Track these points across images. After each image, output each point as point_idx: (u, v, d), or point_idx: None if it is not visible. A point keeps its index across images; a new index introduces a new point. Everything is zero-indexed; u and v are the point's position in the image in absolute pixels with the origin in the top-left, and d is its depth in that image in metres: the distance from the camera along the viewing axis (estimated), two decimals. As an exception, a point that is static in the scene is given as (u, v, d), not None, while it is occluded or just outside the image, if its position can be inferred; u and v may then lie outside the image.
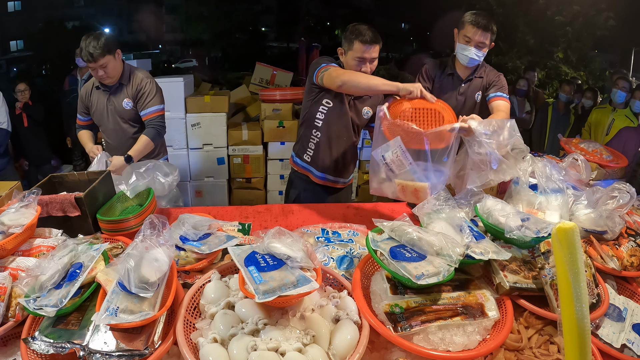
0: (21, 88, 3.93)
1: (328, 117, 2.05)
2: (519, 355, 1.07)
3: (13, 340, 1.09)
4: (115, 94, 2.28)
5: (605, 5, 7.66)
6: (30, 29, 7.49)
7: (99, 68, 2.15)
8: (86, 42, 2.10)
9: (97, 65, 2.13)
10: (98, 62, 2.11)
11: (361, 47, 1.86)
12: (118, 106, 2.29)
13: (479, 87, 2.16)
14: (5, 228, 1.27)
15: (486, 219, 1.33)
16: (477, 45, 2.00)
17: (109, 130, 2.36)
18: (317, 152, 2.12)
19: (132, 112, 2.31)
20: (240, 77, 6.23)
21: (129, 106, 2.29)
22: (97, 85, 2.29)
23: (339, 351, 0.96)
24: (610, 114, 3.78)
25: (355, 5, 9.50)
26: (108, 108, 2.30)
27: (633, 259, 1.34)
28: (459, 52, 2.07)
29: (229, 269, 1.24)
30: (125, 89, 2.29)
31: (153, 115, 2.28)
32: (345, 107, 2.03)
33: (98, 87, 2.29)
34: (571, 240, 0.85)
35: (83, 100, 2.35)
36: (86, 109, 2.37)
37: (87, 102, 2.35)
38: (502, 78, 2.14)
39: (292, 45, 9.49)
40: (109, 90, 2.28)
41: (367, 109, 2.10)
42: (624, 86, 3.70)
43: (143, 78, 2.30)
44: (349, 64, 1.93)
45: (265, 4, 9.80)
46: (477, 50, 2.01)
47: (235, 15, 8.61)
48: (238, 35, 8.82)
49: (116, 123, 2.32)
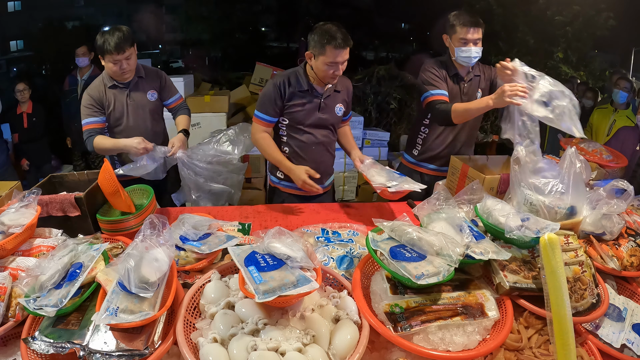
0: (20, 88, 3.93)
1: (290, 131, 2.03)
2: (519, 355, 1.07)
3: (13, 340, 1.10)
4: (135, 89, 2.21)
5: (605, 5, 7.65)
6: (30, 29, 7.48)
7: (123, 60, 2.06)
8: (110, 34, 2.01)
9: (123, 57, 2.04)
10: (125, 54, 2.04)
11: (334, 52, 1.81)
12: (141, 100, 2.22)
13: (477, 85, 2.17)
14: (5, 228, 1.27)
15: (486, 219, 1.33)
16: (475, 43, 2.02)
17: (128, 128, 2.22)
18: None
19: (156, 103, 2.28)
20: (240, 77, 6.23)
21: (154, 97, 2.26)
22: (110, 84, 2.17)
23: (339, 351, 0.96)
24: (611, 115, 3.77)
25: (355, 5, 9.49)
26: (128, 105, 2.20)
27: (633, 259, 1.34)
28: (459, 57, 2.07)
29: (229, 269, 1.24)
30: (145, 81, 2.24)
31: (180, 101, 2.38)
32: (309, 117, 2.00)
33: (114, 86, 2.18)
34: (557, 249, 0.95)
35: (96, 99, 2.17)
36: (102, 108, 2.20)
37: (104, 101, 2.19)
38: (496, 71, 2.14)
39: (292, 45, 9.48)
40: (126, 86, 2.19)
41: (340, 106, 2.07)
42: (625, 86, 3.69)
43: (158, 70, 2.33)
44: (320, 69, 1.87)
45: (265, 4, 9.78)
46: (477, 48, 2.03)
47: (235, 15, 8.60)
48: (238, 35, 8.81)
49: (138, 119, 2.23)
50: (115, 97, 2.19)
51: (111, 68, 2.09)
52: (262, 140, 1.99)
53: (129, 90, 2.20)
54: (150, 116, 2.27)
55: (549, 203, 1.39)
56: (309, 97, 1.98)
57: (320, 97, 1.99)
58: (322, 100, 2.00)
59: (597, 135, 3.86)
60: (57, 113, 4.41)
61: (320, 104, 2.00)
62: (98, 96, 2.18)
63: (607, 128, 3.77)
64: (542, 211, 1.39)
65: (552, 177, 1.47)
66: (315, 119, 2.01)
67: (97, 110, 2.19)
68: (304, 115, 1.99)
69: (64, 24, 7.89)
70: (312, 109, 1.99)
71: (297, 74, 1.97)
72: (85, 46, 4.06)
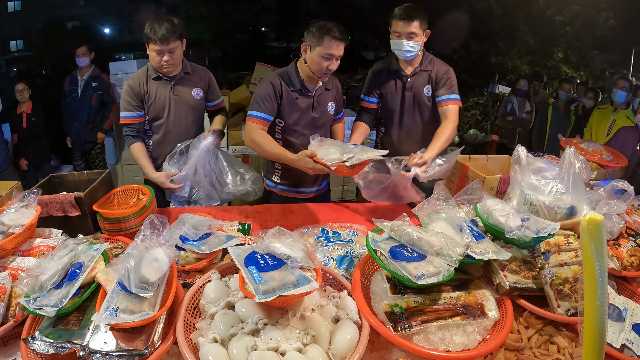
0: (20, 88, 3.93)
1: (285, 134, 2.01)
2: (519, 355, 1.07)
3: (13, 340, 1.10)
4: (180, 84, 2.14)
5: (605, 5, 7.66)
6: (30, 29, 7.48)
7: (167, 52, 1.99)
8: (158, 24, 1.94)
9: (167, 48, 1.97)
10: (169, 45, 1.97)
11: (331, 43, 1.80)
12: (185, 96, 2.15)
13: (426, 81, 2.11)
14: (5, 228, 1.27)
15: (486, 219, 1.33)
16: (408, 37, 1.98)
17: (168, 123, 2.14)
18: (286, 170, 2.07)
19: (199, 102, 2.21)
20: (240, 77, 6.22)
21: (199, 96, 2.19)
22: (155, 75, 2.10)
23: (339, 351, 0.96)
24: (611, 115, 3.77)
25: (355, 5, 9.49)
26: (172, 98, 2.12)
27: (633, 259, 1.34)
28: (393, 49, 2.06)
29: (229, 269, 1.24)
30: (192, 78, 2.18)
31: (222, 105, 2.36)
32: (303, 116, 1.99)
33: (158, 78, 2.10)
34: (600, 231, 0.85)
35: (136, 92, 2.09)
36: (141, 102, 2.11)
37: (143, 93, 2.11)
38: (451, 73, 2.10)
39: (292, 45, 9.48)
40: (171, 80, 2.11)
41: (331, 104, 2.06)
42: (624, 86, 3.69)
43: (206, 69, 2.29)
44: (314, 61, 1.85)
45: (265, 4, 9.78)
46: (409, 42, 1.98)
47: (235, 15, 8.60)
48: (238, 35, 8.81)
49: (180, 115, 2.16)
50: (157, 90, 2.11)
51: (154, 58, 2.02)
52: (259, 137, 1.89)
53: (174, 84, 2.13)
54: (193, 114, 2.21)
55: (549, 203, 1.39)
56: (302, 97, 1.97)
57: (312, 96, 1.98)
58: (314, 99, 1.99)
59: (597, 135, 3.86)
60: (57, 113, 4.40)
61: (313, 103, 1.99)
62: (138, 88, 2.10)
63: (607, 128, 3.77)
64: (542, 211, 1.39)
65: (552, 177, 1.47)
66: (309, 118, 2.00)
67: (135, 103, 2.10)
68: (298, 115, 1.97)
69: (64, 24, 7.89)
70: (306, 109, 1.98)
71: (289, 73, 1.96)
72: (85, 46, 4.06)
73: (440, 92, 2.07)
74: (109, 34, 8.70)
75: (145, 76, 2.11)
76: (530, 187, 1.46)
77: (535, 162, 1.53)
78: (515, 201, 1.49)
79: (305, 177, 2.06)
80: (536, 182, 1.47)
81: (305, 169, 1.73)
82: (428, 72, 2.11)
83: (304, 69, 1.94)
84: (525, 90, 4.83)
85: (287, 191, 2.13)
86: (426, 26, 2.02)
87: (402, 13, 1.97)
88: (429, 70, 2.11)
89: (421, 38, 2.02)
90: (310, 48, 1.85)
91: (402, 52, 2.03)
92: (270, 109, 1.93)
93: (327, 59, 1.84)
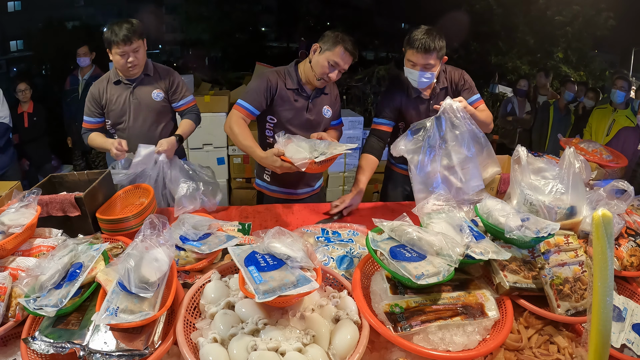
0: (22, 88, 3.94)
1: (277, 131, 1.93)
2: (519, 355, 1.07)
3: (13, 340, 1.09)
4: (140, 86, 2.13)
5: (605, 5, 7.66)
6: (30, 29, 7.47)
7: (131, 53, 2.00)
8: (118, 26, 1.96)
9: (130, 49, 1.98)
10: (132, 45, 1.98)
11: (341, 53, 1.82)
12: (145, 99, 2.14)
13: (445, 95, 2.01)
14: (5, 228, 1.27)
15: (486, 219, 1.33)
16: (424, 68, 1.85)
17: (129, 128, 2.16)
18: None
19: (160, 104, 2.17)
20: (240, 77, 6.23)
21: (159, 97, 2.16)
22: (116, 79, 2.11)
23: (339, 351, 0.96)
24: (610, 115, 3.77)
25: (355, 5, 9.49)
26: (131, 102, 2.12)
27: (633, 259, 1.34)
28: (407, 76, 1.94)
29: (229, 269, 1.24)
30: (152, 80, 2.16)
31: (191, 104, 2.27)
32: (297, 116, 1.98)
33: (118, 82, 2.11)
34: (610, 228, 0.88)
35: (95, 98, 2.13)
36: (99, 108, 2.15)
37: (101, 99, 2.13)
38: (466, 76, 2.04)
39: (292, 45, 9.48)
40: (131, 83, 2.11)
41: (327, 108, 2.05)
42: (623, 86, 3.69)
43: (170, 69, 2.25)
44: (320, 63, 1.85)
45: (265, 4, 9.79)
46: (425, 72, 1.87)
47: (235, 15, 8.60)
48: (238, 35, 8.81)
49: (139, 118, 2.14)
50: (119, 94, 2.12)
51: (118, 61, 2.01)
52: (236, 126, 1.86)
53: (133, 88, 2.12)
54: (155, 117, 2.17)
55: (549, 203, 1.39)
56: (297, 96, 1.96)
57: (308, 98, 1.98)
58: (309, 101, 1.98)
59: (597, 135, 3.86)
60: (58, 113, 4.41)
61: (307, 105, 1.99)
62: (97, 94, 2.13)
63: (607, 128, 3.77)
64: (542, 211, 1.39)
65: (551, 177, 1.47)
66: (302, 119, 1.99)
67: (94, 110, 2.15)
68: (292, 114, 1.97)
69: (64, 24, 7.88)
70: (300, 109, 1.98)
71: (288, 71, 1.96)
72: (86, 46, 4.07)
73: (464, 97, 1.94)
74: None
75: (105, 81, 2.13)
76: (530, 187, 1.46)
77: (535, 162, 1.53)
78: (515, 201, 1.49)
79: (295, 178, 2.05)
80: (536, 182, 1.47)
81: (273, 168, 1.75)
82: (445, 88, 2.03)
83: (305, 70, 1.94)
84: (525, 91, 4.83)
85: (278, 192, 2.12)
86: (444, 52, 1.89)
87: (420, 45, 1.80)
88: (446, 86, 2.03)
89: (438, 67, 1.91)
90: (321, 50, 1.86)
91: (416, 82, 1.91)
92: (257, 103, 1.91)
93: (332, 67, 1.86)
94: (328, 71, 1.86)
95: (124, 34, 1.94)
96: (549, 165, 1.51)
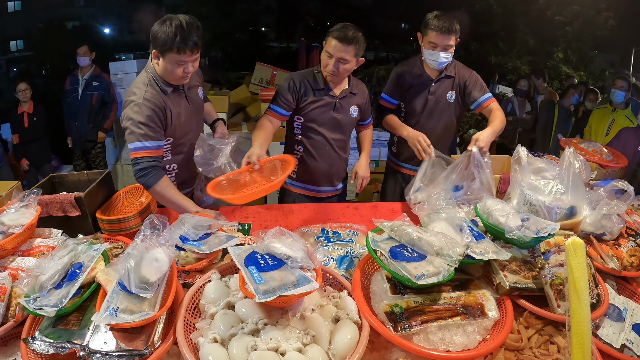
0: (22, 87, 3.93)
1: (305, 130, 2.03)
2: (519, 355, 1.07)
3: (13, 340, 1.10)
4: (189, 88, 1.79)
5: (605, 5, 7.66)
6: (30, 29, 7.48)
7: (191, 62, 1.61)
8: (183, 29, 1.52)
9: (192, 58, 1.59)
10: (197, 55, 1.61)
11: (331, 42, 1.82)
12: (197, 101, 1.84)
13: (450, 87, 2.14)
14: (5, 228, 1.27)
15: (486, 219, 1.33)
16: (444, 49, 1.99)
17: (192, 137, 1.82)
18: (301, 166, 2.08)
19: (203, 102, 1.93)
20: (240, 77, 6.23)
21: (202, 95, 1.90)
22: (171, 90, 1.68)
23: (339, 351, 0.96)
24: (610, 114, 3.77)
25: (355, 5, 9.50)
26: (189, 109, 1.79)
27: (633, 259, 1.34)
28: (427, 58, 2.06)
29: (229, 269, 1.24)
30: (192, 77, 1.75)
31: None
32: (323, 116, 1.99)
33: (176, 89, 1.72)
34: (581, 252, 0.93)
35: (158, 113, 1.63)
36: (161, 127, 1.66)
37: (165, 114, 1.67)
38: (476, 75, 2.12)
39: (292, 45, 9.49)
40: (182, 89, 1.74)
41: (354, 108, 2.06)
42: (622, 86, 3.69)
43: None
44: (322, 59, 1.91)
45: (265, 4, 9.79)
46: (445, 53, 2.00)
47: (235, 15, 8.61)
48: (238, 35, 8.81)
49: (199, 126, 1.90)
50: (178, 104, 1.73)
51: (172, 70, 1.59)
52: (258, 124, 1.95)
53: (185, 93, 1.76)
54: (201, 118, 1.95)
55: (549, 203, 1.39)
56: (324, 96, 1.98)
57: (335, 97, 1.99)
58: (337, 100, 1.99)
59: (596, 135, 3.86)
60: (58, 113, 4.41)
61: (335, 104, 1.99)
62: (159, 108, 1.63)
63: (606, 128, 3.77)
64: (542, 211, 1.39)
65: (551, 178, 1.48)
66: (329, 118, 2.00)
67: (157, 129, 1.64)
68: (318, 113, 1.99)
69: (64, 24, 7.90)
70: (327, 108, 1.99)
71: (314, 72, 1.99)
72: (86, 46, 4.06)
73: (475, 95, 2.07)
74: (109, 34, 8.70)
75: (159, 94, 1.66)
76: (530, 187, 1.46)
77: (535, 162, 1.54)
78: (515, 201, 1.49)
79: (320, 176, 2.10)
80: (536, 182, 1.47)
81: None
82: (452, 79, 2.13)
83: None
84: (525, 91, 4.83)
85: (302, 188, 2.15)
86: (459, 35, 2.03)
87: (441, 26, 1.94)
88: (453, 77, 2.13)
89: (454, 48, 2.04)
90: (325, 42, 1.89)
91: (437, 62, 2.03)
92: (283, 105, 1.95)
93: (328, 59, 1.86)
94: (326, 64, 1.88)
95: (194, 42, 1.55)
96: (549, 166, 1.52)
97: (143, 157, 1.60)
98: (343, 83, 2.00)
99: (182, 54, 1.55)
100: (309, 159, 2.06)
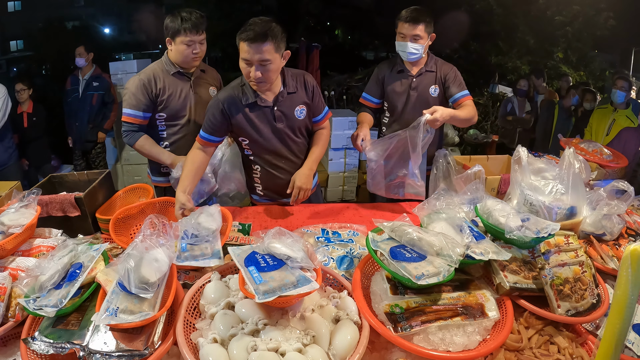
0: (19, 88, 3.93)
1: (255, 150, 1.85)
2: (519, 356, 1.07)
3: (13, 340, 1.10)
4: (198, 82, 2.04)
5: (605, 5, 7.66)
6: (30, 29, 7.49)
7: (198, 43, 1.92)
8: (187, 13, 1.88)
9: (198, 38, 1.90)
10: (201, 35, 1.91)
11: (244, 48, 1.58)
12: (204, 95, 2.05)
13: (432, 81, 2.14)
14: (5, 228, 1.27)
15: (486, 219, 1.33)
16: (413, 39, 2.01)
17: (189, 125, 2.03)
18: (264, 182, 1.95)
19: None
20: (240, 77, 6.22)
21: (214, 94, 2.05)
22: (175, 70, 1.97)
23: (339, 351, 0.96)
24: (611, 115, 3.77)
25: (355, 5, 9.50)
26: (192, 97, 1.99)
27: (633, 259, 1.33)
28: (398, 50, 2.10)
29: (229, 269, 1.24)
30: (207, 77, 2.10)
31: None
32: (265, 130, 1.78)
33: (179, 73, 1.98)
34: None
35: (146, 87, 1.92)
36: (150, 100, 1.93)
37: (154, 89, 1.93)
38: (456, 71, 2.14)
39: (292, 45, 9.48)
40: (190, 77, 2.00)
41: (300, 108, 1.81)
42: (623, 86, 3.69)
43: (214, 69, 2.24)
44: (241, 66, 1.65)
45: (265, 4, 9.78)
46: (413, 44, 2.02)
47: (235, 15, 8.61)
48: (238, 35, 8.83)
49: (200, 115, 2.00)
50: (176, 86, 1.97)
51: (183, 51, 1.90)
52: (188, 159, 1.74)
53: (192, 82, 2.01)
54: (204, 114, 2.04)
55: (549, 203, 1.39)
56: (258, 110, 1.74)
57: (270, 106, 1.74)
58: (274, 109, 1.75)
59: (597, 135, 3.86)
60: (58, 113, 4.41)
61: (273, 114, 1.75)
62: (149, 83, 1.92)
63: (607, 128, 3.77)
64: (542, 211, 1.39)
65: (552, 178, 1.48)
66: (273, 130, 1.78)
67: (144, 101, 1.93)
68: (259, 128, 1.76)
69: (64, 24, 7.90)
70: (267, 120, 1.76)
71: (240, 86, 1.75)
72: (82, 46, 4.06)
73: (452, 90, 2.09)
74: (109, 34, 8.71)
75: (161, 71, 1.96)
76: (531, 188, 1.46)
77: (535, 162, 1.53)
78: (515, 201, 1.49)
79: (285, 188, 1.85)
80: (536, 183, 1.47)
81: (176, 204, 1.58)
82: (434, 73, 2.15)
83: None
84: (525, 90, 4.83)
85: (271, 202, 2.01)
86: (432, 29, 2.06)
87: (408, 16, 2.00)
88: (435, 71, 2.14)
89: (426, 41, 2.06)
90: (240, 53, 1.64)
91: (405, 53, 2.07)
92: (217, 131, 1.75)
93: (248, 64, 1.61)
94: (248, 72, 1.62)
95: (194, 22, 1.86)
96: (549, 166, 1.52)
97: (128, 123, 1.96)
98: (276, 86, 1.74)
99: (188, 34, 1.87)
100: (269, 176, 1.91)
